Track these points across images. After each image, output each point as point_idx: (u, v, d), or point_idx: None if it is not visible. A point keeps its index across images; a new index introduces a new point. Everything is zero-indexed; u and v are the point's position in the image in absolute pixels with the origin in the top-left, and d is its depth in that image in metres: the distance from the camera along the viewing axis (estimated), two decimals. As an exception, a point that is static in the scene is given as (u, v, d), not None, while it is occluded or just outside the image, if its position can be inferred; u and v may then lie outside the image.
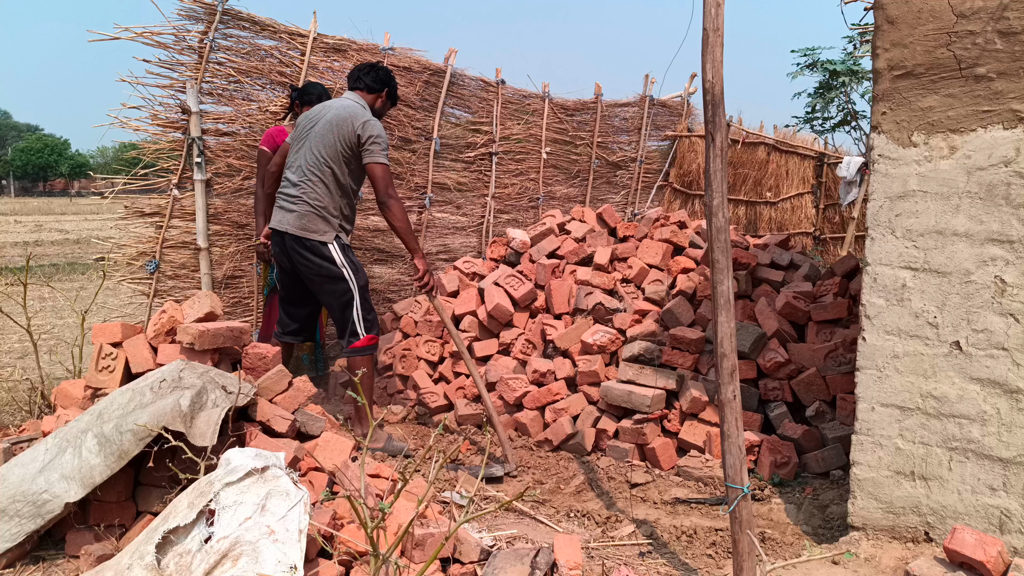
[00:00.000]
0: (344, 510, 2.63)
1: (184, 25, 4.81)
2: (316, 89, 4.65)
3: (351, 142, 3.98)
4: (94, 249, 6.61)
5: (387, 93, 4.32)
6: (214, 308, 3.43)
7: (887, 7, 2.77)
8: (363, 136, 3.96)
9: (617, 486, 3.75)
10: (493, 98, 6.90)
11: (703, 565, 2.88)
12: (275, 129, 4.65)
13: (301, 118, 4.27)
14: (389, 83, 4.30)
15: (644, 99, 8.51)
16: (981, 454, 2.67)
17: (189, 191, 4.94)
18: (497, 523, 3.16)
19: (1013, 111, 2.59)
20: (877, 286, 2.84)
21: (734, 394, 2.54)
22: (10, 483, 2.66)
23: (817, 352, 4.10)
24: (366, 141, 3.96)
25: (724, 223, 2.55)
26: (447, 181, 6.62)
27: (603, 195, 8.36)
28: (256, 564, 2.15)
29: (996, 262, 2.64)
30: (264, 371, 3.29)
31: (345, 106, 4.09)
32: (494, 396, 4.55)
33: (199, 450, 2.58)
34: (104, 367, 3.25)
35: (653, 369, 4.16)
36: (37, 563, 2.66)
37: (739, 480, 2.52)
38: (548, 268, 5.10)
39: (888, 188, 2.81)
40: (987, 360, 2.66)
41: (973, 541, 2.42)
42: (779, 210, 9.38)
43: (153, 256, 4.94)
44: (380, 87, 4.26)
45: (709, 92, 2.52)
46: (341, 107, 4.09)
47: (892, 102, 2.80)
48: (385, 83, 4.28)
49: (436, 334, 5.18)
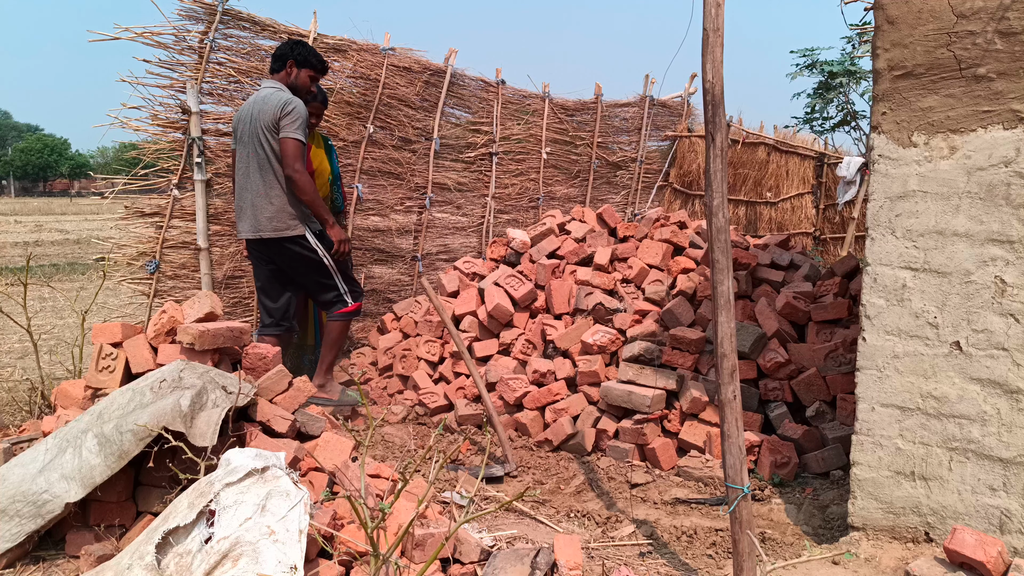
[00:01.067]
0: (344, 510, 2.63)
1: (184, 25, 4.81)
2: (320, 59, 4.39)
3: (273, 128, 4.02)
4: (94, 249, 6.61)
5: (294, 63, 4.25)
6: (214, 308, 3.43)
7: (887, 7, 2.77)
8: (279, 116, 4.00)
9: (617, 486, 3.75)
10: (493, 98, 6.90)
11: (703, 565, 2.88)
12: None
13: (234, 120, 4.26)
14: (289, 52, 4.26)
15: (644, 99, 8.51)
16: (981, 454, 2.67)
17: (189, 191, 4.94)
18: (497, 523, 3.16)
19: (1013, 111, 2.59)
20: (877, 286, 2.84)
21: (734, 394, 2.54)
22: (10, 483, 2.66)
23: (817, 352, 4.10)
24: (282, 118, 4.00)
25: (724, 223, 2.55)
26: (447, 181, 6.62)
27: (603, 195, 8.36)
28: (256, 564, 2.15)
29: (996, 262, 2.64)
30: (264, 371, 3.29)
31: (261, 97, 4.13)
32: (494, 396, 4.55)
33: (199, 450, 2.58)
34: (104, 367, 3.26)
35: (653, 369, 4.16)
36: (37, 563, 2.66)
37: (739, 480, 2.52)
38: (548, 268, 5.10)
39: (888, 188, 2.81)
40: (987, 360, 2.66)
41: (973, 541, 2.42)
42: (779, 210, 9.38)
43: (153, 256, 4.94)
44: (282, 62, 4.26)
45: (709, 92, 2.52)
46: (257, 99, 4.13)
47: (892, 102, 2.80)
48: (284, 55, 4.26)
49: (436, 334, 5.18)
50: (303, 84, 4.30)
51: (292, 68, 4.26)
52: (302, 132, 4.05)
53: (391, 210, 6.21)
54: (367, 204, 5.99)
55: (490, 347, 4.92)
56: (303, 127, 4.06)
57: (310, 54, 4.30)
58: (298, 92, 4.29)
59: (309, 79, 4.32)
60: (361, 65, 5.72)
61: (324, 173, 4.84)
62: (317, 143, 4.82)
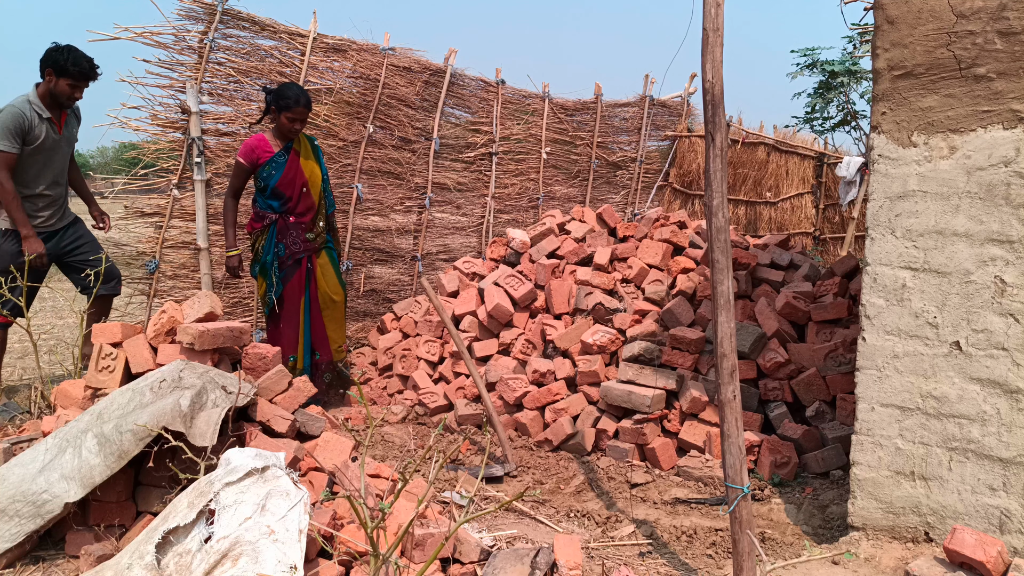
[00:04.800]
0: (344, 510, 2.63)
1: (184, 25, 4.81)
2: (292, 91, 4.30)
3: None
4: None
5: (51, 71, 4.22)
6: (214, 308, 3.43)
7: (887, 7, 2.77)
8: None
9: (617, 486, 3.74)
10: (493, 98, 6.90)
11: (703, 565, 2.88)
12: (254, 139, 4.38)
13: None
14: (46, 61, 4.22)
15: (644, 99, 8.52)
16: (981, 454, 2.67)
17: (189, 191, 4.94)
18: (497, 523, 3.16)
19: (1013, 111, 2.59)
20: (877, 286, 2.84)
21: (734, 394, 2.54)
22: (10, 483, 2.66)
23: (817, 352, 4.10)
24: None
25: (724, 223, 2.55)
26: (447, 181, 6.62)
27: (603, 195, 8.36)
28: (256, 564, 2.15)
29: (996, 262, 2.64)
30: (264, 371, 3.29)
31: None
32: (494, 396, 4.55)
33: (199, 450, 2.58)
34: (104, 367, 3.26)
35: (653, 369, 4.16)
36: (37, 563, 2.66)
37: (739, 480, 2.52)
38: (548, 268, 5.10)
39: (888, 188, 2.81)
40: (987, 360, 2.66)
41: (973, 541, 2.42)
42: (779, 210, 9.38)
43: (153, 256, 4.94)
44: (41, 71, 4.25)
45: (709, 92, 2.52)
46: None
47: (892, 102, 2.80)
48: (42, 63, 4.24)
49: (436, 334, 5.18)
50: (62, 92, 4.26)
51: (50, 76, 4.22)
52: (5, 144, 4.12)
53: (391, 210, 6.21)
54: (367, 204, 5.99)
55: (490, 347, 4.92)
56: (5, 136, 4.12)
57: (68, 62, 4.19)
58: (59, 100, 4.28)
59: (68, 87, 4.24)
60: (361, 65, 5.72)
61: (317, 183, 4.56)
62: (305, 152, 4.52)
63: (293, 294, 4.51)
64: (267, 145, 4.38)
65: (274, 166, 4.36)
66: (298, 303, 4.53)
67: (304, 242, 4.50)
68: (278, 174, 4.36)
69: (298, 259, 4.50)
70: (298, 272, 4.50)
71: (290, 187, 4.41)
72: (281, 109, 4.28)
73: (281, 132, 4.36)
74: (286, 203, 4.43)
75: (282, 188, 4.39)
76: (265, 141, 4.38)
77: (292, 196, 4.43)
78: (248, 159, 4.35)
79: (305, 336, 4.59)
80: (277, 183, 4.36)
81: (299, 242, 4.49)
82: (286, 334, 4.51)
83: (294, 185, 4.42)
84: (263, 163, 4.35)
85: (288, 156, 4.40)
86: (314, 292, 4.60)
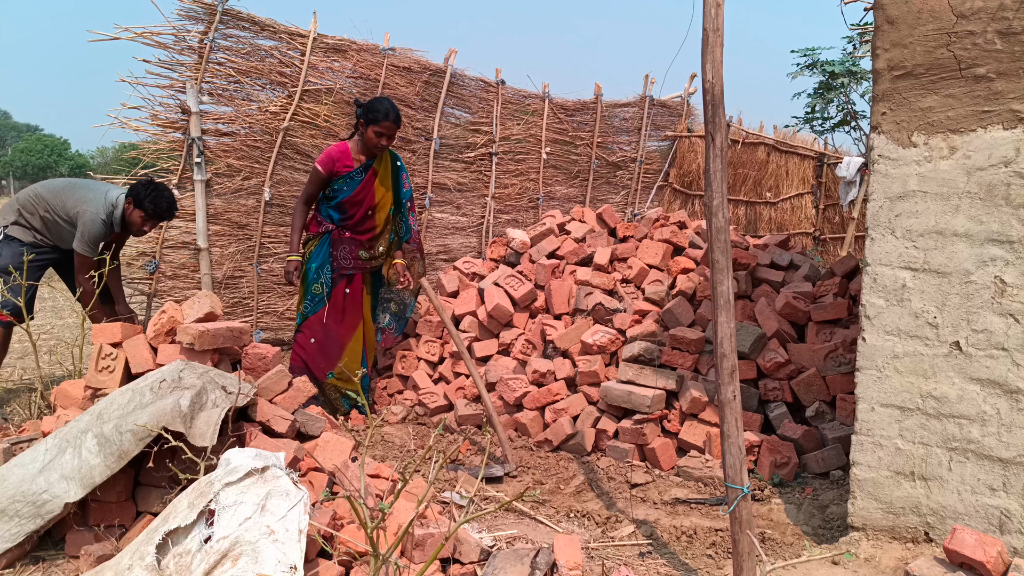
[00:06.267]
0: (344, 510, 2.63)
1: (184, 25, 4.81)
2: (382, 106, 4.20)
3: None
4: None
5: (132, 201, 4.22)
6: (214, 308, 3.43)
7: (887, 7, 2.77)
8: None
9: (617, 486, 3.75)
10: (493, 98, 6.90)
11: (703, 565, 2.88)
12: (337, 150, 4.32)
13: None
14: (133, 193, 4.23)
15: (644, 99, 8.52)
16: (981, 454, 2.67)
17: (189, 191, 4.94)
18: (497, 523, 3.16)
19: (1013, 111, 2.59)
20: (877, 286, 2.84)
21: (734, 394, 2.54)
22: (10, 483, 2.66)
23: (817, 352, 4.11)
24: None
25: (724, 223, 2.55)
26: (447, 181, 6.62)
27: (603, 195, 8.36)
28: (256, 564, 2.15)
29: (996, 262, 2.64)
30: (264, 371, 3.29)
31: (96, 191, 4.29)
32: (494, 396, 4.55)
33: (199, 450, 2.58)
34: (104, 367, 3.26)
35: (653, 369, 4.16)
36: (37, 563, 2.66)
37: (739, 480, 2.52)
38: (548, 268, 5.10)
39: (888, 188, 2.81)
40: (987, 360, 2.66)
41: (973, 541, 2.42)
42: (779, 210, 9.38)
43: (153, 256, 4.94)
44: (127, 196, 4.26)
45: (709, 92, 2.52)
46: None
47: (892, 102, 2.80)
48: (128, 192, 4.25)
49: (436, 334, 5.18)
50: (133, 223, 4.27)
51: (130, 207, 4.23)
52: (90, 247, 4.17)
53: (391, 210, 6.20)
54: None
55: (490, 347, 4.92)
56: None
57: (147, 199, 4.20)
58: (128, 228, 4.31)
59: (140, 219, 4.27)
60: (361, 65, 5.72)
61: (385, 208, 4.47)
62: (383, 175, 4.41)
63: (335, 310, 4.41)
64: (348, 158, 4.30)
65: (348, 182, 4.29)
66: (340, 320, 4.43)
67: (355, 259, 4.43)
68: (349, 191, 4.30)
69: (344, 274, 4.43)
70: (342, 287, 4.42)
71: (356, 207, 4.34)
72: (369, 123, 4.18)
73: (366, 146, 4.27)
74: (347, 219, 4.37)
75: (347, 205, 4.33)
76: (347, 154, 4.30)
77: (354, 215, 4.36)
78: (326, 168, 4.27)
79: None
80: (345, 199, 4.30)
81: (350, 258, 4.42)
82: (324, 350, 4.40)
83: (360, 206, 4.35)
84: (339, 175, 4.29)
85: (364, 176, 4.32)
86: (354, 310, 4.49)
